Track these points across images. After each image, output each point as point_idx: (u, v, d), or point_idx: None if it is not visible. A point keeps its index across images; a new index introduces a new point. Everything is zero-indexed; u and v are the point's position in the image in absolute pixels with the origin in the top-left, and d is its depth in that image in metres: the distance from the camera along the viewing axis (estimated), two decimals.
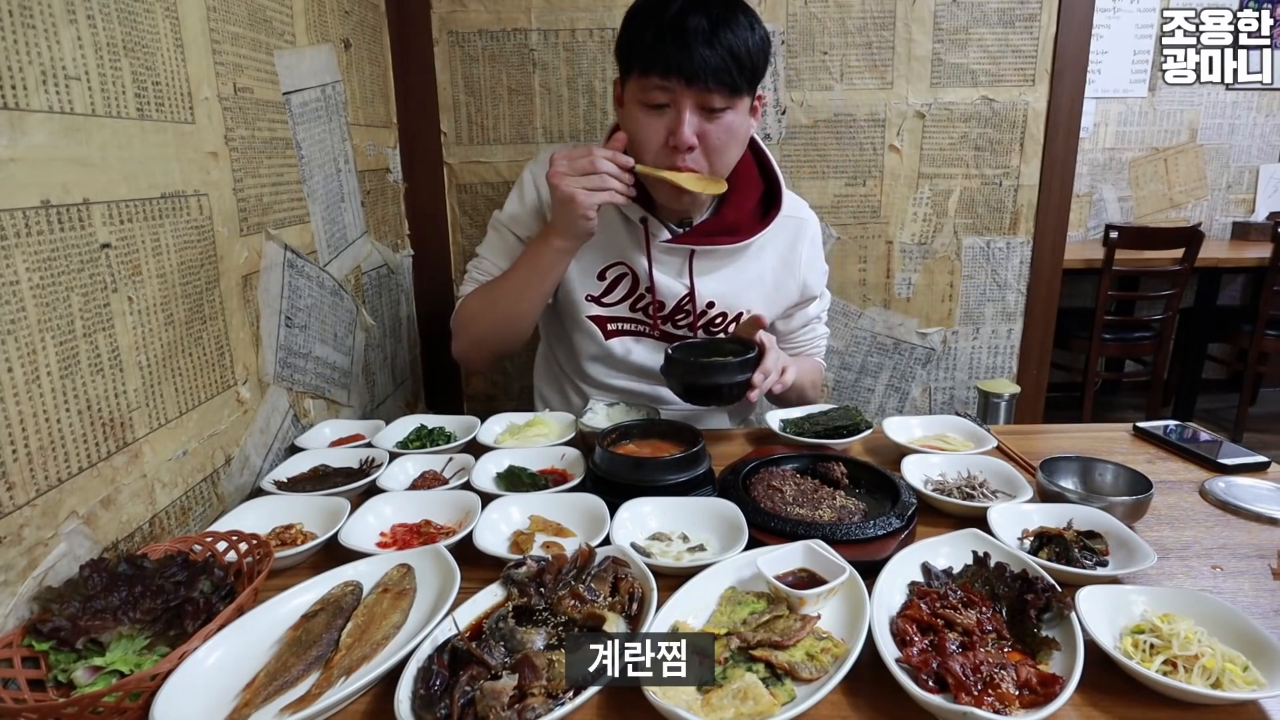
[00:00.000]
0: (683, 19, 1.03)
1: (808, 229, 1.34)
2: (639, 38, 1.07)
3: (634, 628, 0.66)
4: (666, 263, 1.28)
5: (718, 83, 1.05)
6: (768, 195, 1.31)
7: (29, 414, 0.68)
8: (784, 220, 1.30)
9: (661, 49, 1.04)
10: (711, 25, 1.03)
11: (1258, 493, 0.97)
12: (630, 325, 1.34)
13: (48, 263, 0.70)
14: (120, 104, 0.79)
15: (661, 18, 1.05)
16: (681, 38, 1.03)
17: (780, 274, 1.33)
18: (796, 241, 1.33)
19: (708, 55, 1.03)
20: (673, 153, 1.11)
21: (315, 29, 1.28)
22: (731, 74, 1.05)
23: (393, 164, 1.68)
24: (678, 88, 1.06)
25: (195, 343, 0.92)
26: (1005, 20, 1.69)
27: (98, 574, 0.67)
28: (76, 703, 0.55)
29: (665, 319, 1.32)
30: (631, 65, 1.09)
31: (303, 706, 0.57)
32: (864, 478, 0.99)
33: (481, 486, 0.96)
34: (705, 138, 1.10)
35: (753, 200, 1.29)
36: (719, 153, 1.13)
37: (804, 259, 1.34)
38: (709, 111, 1.09)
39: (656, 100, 1.08)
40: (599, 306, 1.32)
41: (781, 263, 1.33)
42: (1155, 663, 0.61)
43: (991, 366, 1.94)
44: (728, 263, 1.30)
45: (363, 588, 0.74)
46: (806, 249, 1.34)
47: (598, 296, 1.31)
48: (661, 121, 1.10)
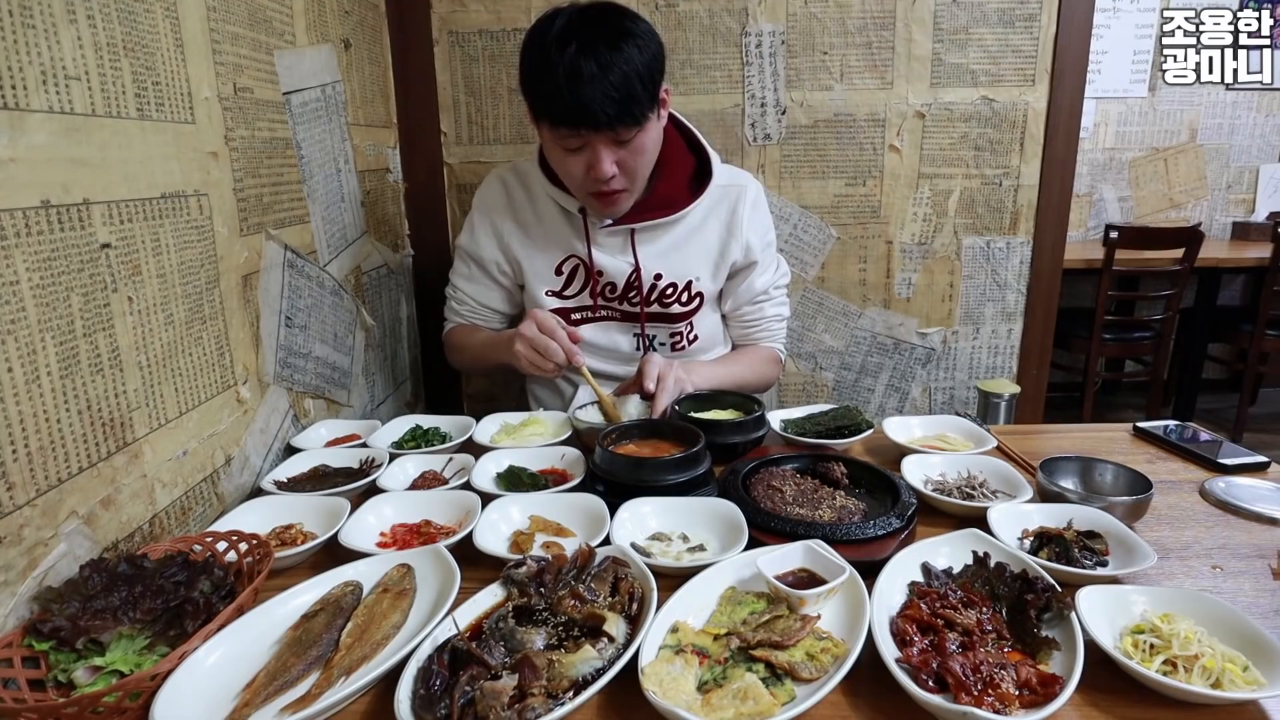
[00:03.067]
0: (575, 69, 1.05)
1: (747, 193, 1.38)
2: (538, 89, 1.11)
3: (634, 628, 0.66)
4: (609, 245, 1.34)
5: (622, 123, 1.10)
6: (700, 169, 1.36)
7: (29, 414, 0.68)
8: (723, 189, 1.36)
9: (562, 104, 1.08)
10: (602, 68, 1.06)
11: (1258, 493, 0.97)
12: (592, 312, 1.40)
13: (48, 263, 0.70)
14: (120, 104, 0.79)
15: (556, 70, 1.06)
16: (578, 90, 1.06)
17: (724, 239, 1.37)
18: (738, 205, 1.36)
19: (607, 102, 1.07)
20: (595, 182, 1.17)
21: (315, 29, 1.28)
22: (631, 109, 1.10)
23: (393, 164, 1.68)
24: (587, 134, 1.12)
25: (195, 343, 0.92)
26: (1005, 20, 1.69)
27: (98, 574, 0.67)
28: (76, 703, 0.55)
29: (619, 299, 1.38)
30: (538, 113, 1.14)
31: (303, 706, 0.57)
32: (864, 478, 0.99)
33: (481, 486, 0.96)
34: (623, 164, 1.17)
35: (684, 174, 1.34)
36: (638, 171, 1.20)
37: (745, 220, 1.37)
38: (621, 143, 1.15)
39: (571, 145, 1.15)
40: (559, 299, 1.38)
41: (724, 228, 1.36)
42: (1155, 663, 0.61)
43: (991, 366, 1.94)
44: (668, 235, 1.35)
45: (363, 588, 0.74)
46: (748, 212, 1.37)
47: (558, 291, 1.37)
48: (580, 159, 1.16)
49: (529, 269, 1.37)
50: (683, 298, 1.38)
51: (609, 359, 1.42)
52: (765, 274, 1.42)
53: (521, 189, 1.38)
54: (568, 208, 1.32)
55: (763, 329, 1.47)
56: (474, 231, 1.40)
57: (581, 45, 1.06)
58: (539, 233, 1.36)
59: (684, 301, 1.38)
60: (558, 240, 1.35)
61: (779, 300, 1.48)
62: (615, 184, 1.19)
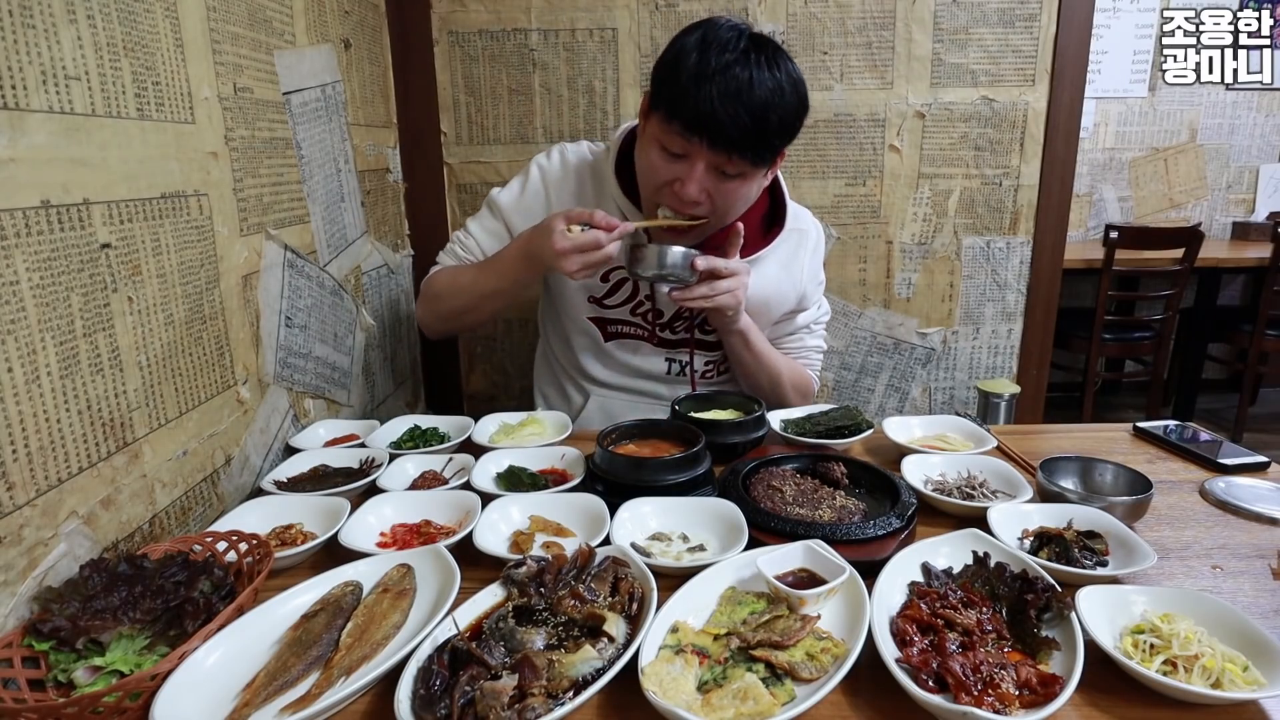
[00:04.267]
0: (727, 72, 0.97)
1: (808, 239, 1.34)
2: (675, 76, 1.01)
3: (634, 628, 0.66)
4: None
5: (739, 153, 1.02)
6: (772, 209, 1.31)
7: (29, 414, 0.68)
8: (787, 233, 1.30)
9: (692, 101, 0.99)
10: (752, 85, 0.98)
11: (1258, 493, 0.97)
12: (629, 329, 1.34)
13: (48, 263, 0.70)
14: (120, 104, 0.79)
15: (705, 64, 0.98)
16: (715, 95, 0.97)
17: (781, 283, 1.32)
18: (798, 251, 1.33)
19: (736, 123, 0.98)
20: (675, 197, 1.09)
21: (315, 29, 1.28)
22: (754, 146, 1.02)
23: (393, 164, 1.68)
24: (698, 144, 1.02)
25: (195, 343, 0.92)
26: (1005, 20, 1.70)
27: (98, 574, 0.67)
28: (76, 703, 0.55)
29: (664, 326, 1.33)
30: (660, 101, 1.04)
31: (303, 706, 0.57)
32: (864, 478, 0.99)
33: (481, 486, 0.96)
34: (714, 196, 1.08)
35: (757, 216, 1.28)
36: (724, 211, 1.12)
37: (805, 269, 1.33)
38: (722, 174, 1.06)
39: (674, 149, 1.05)
40: (600, 308, 1.32)
41: (784, 271, 1.32)
42: (1155, 663, 0.61)
43: (991, 366, 1.94)
44: None
45: (363, 588, 0.74)
46: (808, 260, 1.34)
47: (600, 298, 1.31)
48: (673, 167, 1.07)
49: None
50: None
51: (637, 377, 1.37)
52: (812, 311, 1.40)
53: (593, 182, 1.28)
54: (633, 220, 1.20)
55: (800, 356, 1.42)
56: (523, 192, 1.28)
57: (745, 55, 0.99)
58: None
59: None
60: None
61: (818, 334, 1.45)
62: (696, 210, 1.09)
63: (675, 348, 1.35)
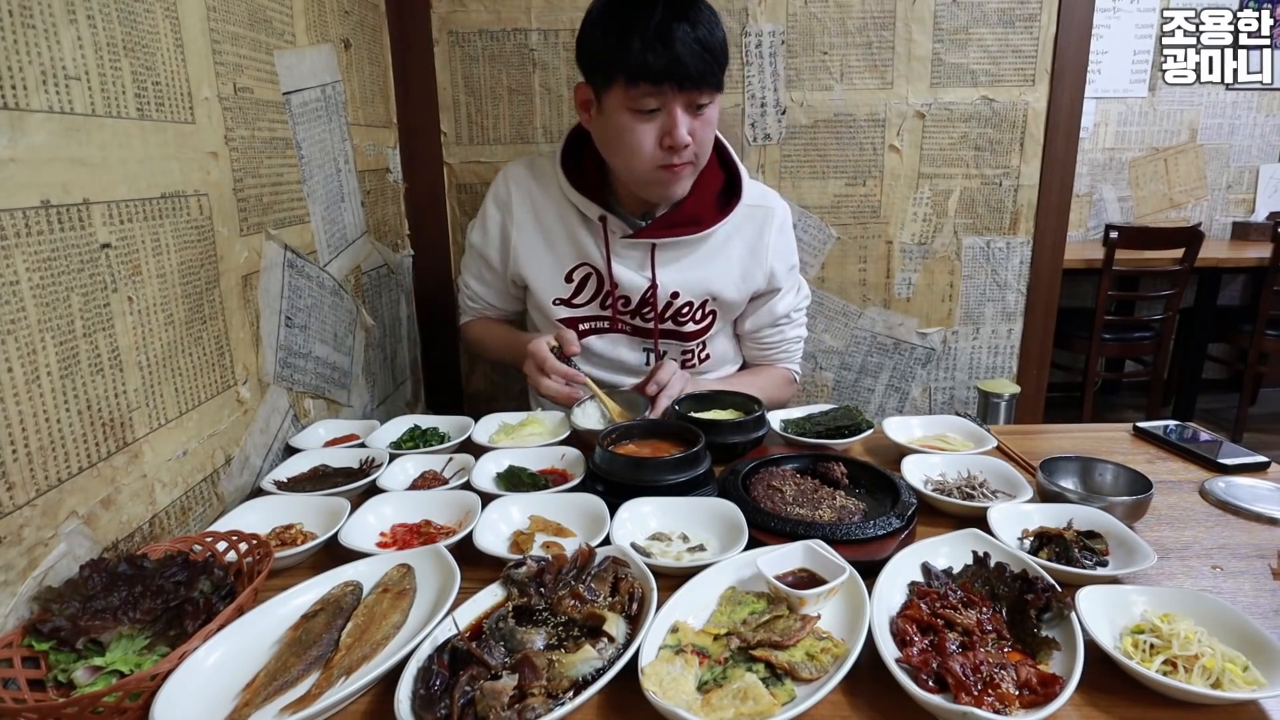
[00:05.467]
0: (667, 27, 1.06)
1: (774, 216, 1.35)
2: (624, 47, 1.08)
3: (634, 628, 0.66)
4: (628, 257, 1.30)
5: (707, 83, 1.10)
6: (729, 186, 1.33)
7: (29, 414, 0.68)
8: (750, 209, 1.33)
9: (653, 58, 1.07)
10: (694, 25, 1.07)
11: (1258, 493, 0.97)
12: (602, 323, 1.37)
13: (48, 263, 0.70)
14: (120, 104, 0.79)
15: (645, 26, 1.07)
16: (670, 46, 1.06)
17: (747, 262, 1.34)
18: (764, 229, 1.34)
19: (696, 60, 1.07)
20: (669, 153, 1.14)
21: (315, 29, 1.28)
22: (716, 73, 1.11)
23: (393, 164, 1.68)
24: (670, 92, 1.10)
25: (195, 343, 0.92)
26: (1005, 20, 1.69)
27: (97, 574, 0.67)
28: (76, 702, 0.55)
29: (631, 313, 1.35)
30: (614, 74, 1.11)
31: (303, 706, 0.57)
32: (864, 478, 0.99)
33: (481, 486, 0.96)
34: (694, 134, 1.14)
35: (714, 190, 1.31)
36: (705, 144, 1.18)
37: (771, 246, 1.34)
38: (696, 109, 1.14)
39: (648, 106, 1.12)
40: (568, 308, 1.35)
41: (749, 250, 1.34)
42: (1155, 663, 0.61)
43: (991, 366, 1.94)
44: (690, 253, 1.31)
45: (363, 588, 0.74)
46: (774, 237, 1.35)
47: (567, 299, 1.34)
48: (653, 125, 1.13)
49: (536, 275, 1.34)
50: (696, 316, 1.35)
51: (617, 371, 1.40)
52: (787, 298, 1.40)
53: (538, 187, 1.34)
54: (587, 214, 1.29)
55: (781, 350, 1.45)
56: (485, 229, 1.37)
57: (669, 5, 1.08)
58: (552, 236, 1.33)
59: (698, 320, 1.36)
60: (571, 246, 1.32)
61: (799, 322, 1.46)
62: (686, 154, 1.16)
63: (648, 337, 1.37)
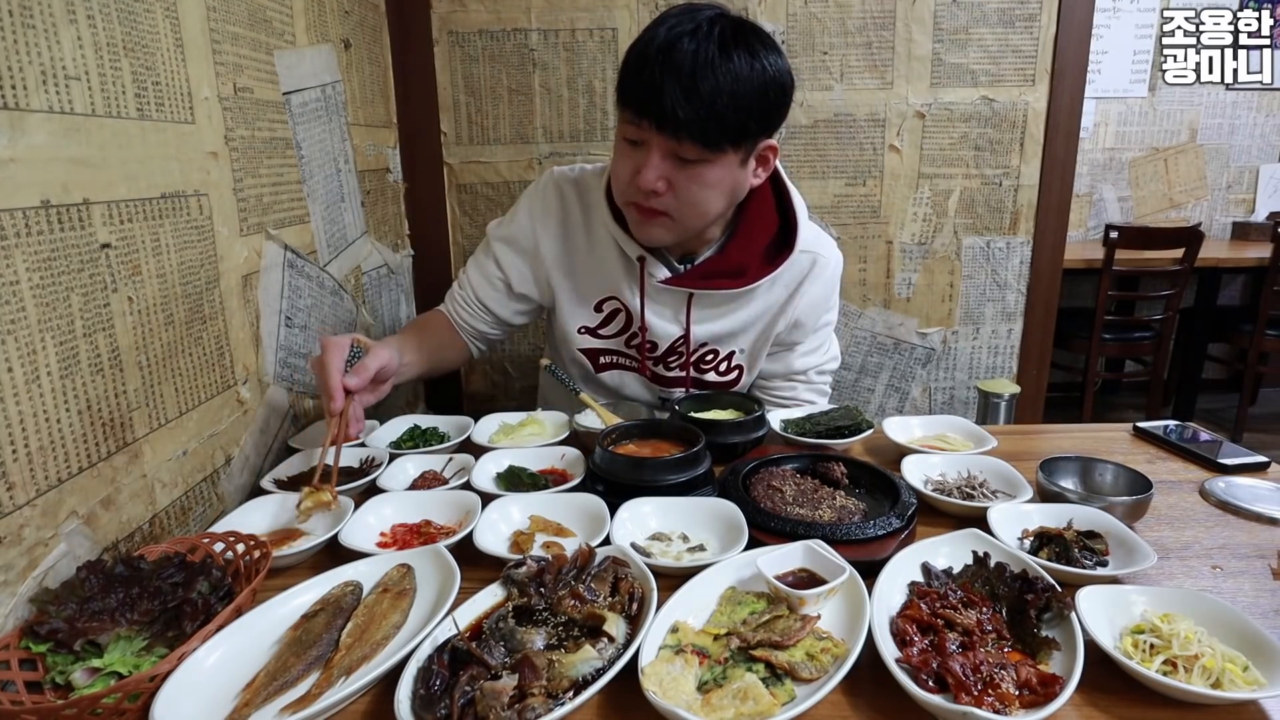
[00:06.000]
0: (668, 53, 0.93)
1: (818, 265, 1.21)
2: (627, 66, 0.98)
3: (634, 628, 0.66)
4: (663, 303, 1.20)
5: (689, 136, 0.95)
6: (783, 235, 1.19)
7: (29, 414, 0.68)
8: (799, 254, 1.19)
9: (638, 85, 0.95)
10: (695, 68, 0.92)
11: (1258, 493, 0.97)
12: (624, 359, 1.29)
13: (48, 263, 0.70)
14: (120, 104, 0.79)
15: (650, 46, 0.94)
16: (660, 78, 0.92)
17: (776, 308, 1.23)
18: (804, 276, 1.21)
19: (681, 104, 0.92)
20: (634, 190, 1.03)
21: (315, 29, 1.28)
22: (706, 129, 0.94)
23: (393, 164, 1.68)
24: (648, 129, 0.97)
25: (195, 343, 0.92)
26: (1005, 20, 1.70)
27: (94, 576, 0.67)
28: (76, 704, 0.55)
29: (656, 360, 1.26)
30: (619, 93, 1.01)
31: (303, 706, 0.57)
32: (864, 478, 0.99)
33: (481, 486, 0.96)
34: (676, 186, 1.01)
35: (764, 240, 1.17)
36: (688, 203, 1.03)
37: (804, 294, 1.22)
38: (681, 160, 0.99)
39: (630, 136, 1.01)
40: (593, 338, 1.27)
41: (784, 295, 1.22)
42: (1155, 663, 0.61)
43: (991, 366, 1.94)
44: (729, 307, 1.21)
45: (363, 588, 0.74)
46: (810, 285, 1.22)
47: (593, 328, 1.26)
48: (633, 158, 1.01)
49: (565, 298, 1.23)
50: (721, 367, 1.26)
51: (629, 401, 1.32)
52: (809, 356, 1.29)
53: (580, 208, 1.21)
54: (627, 251, 1.17)
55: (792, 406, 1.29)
56: (512, 229, 1.24)
57: (693, 33, 0.93)
58: (587, 263, 1.21)
59: (721, 371, 1.26)
60: (605, 278, 1.21)
61: (819, 386, 1.33)
62: (655, 203, 1.02)
63: (669, 385, 1.29)
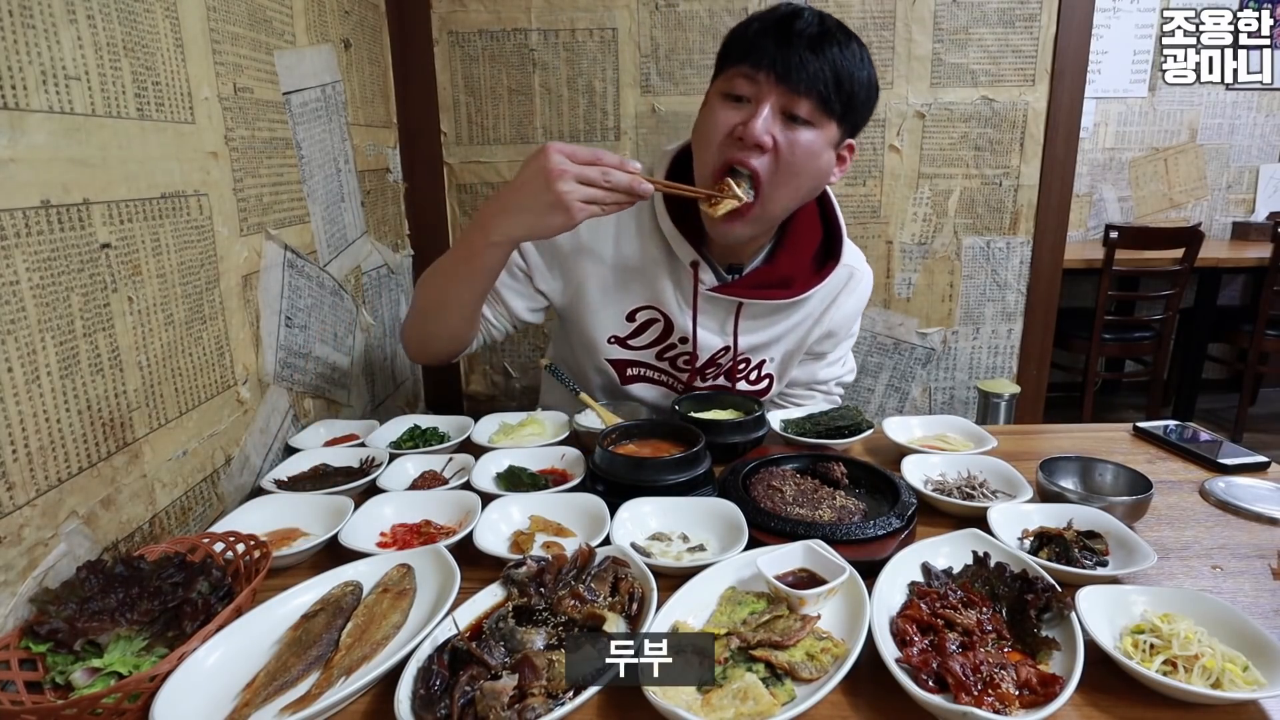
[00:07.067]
0: (791, 20, 0.97)
1: (854, 279, 1.24)
2: (743, 33, 1.01)
3: (634, 628, 0.66)
4: (709, 313, 1.18)
5: (809, 88, 0.95)
6: (827, 245, 1.20)
7: (29, 414, 0.68)
8: (839, 269, 1.20)
9: (763, 41, 0.97)
10: (820, 34, 0.97)
11: (1258, 493, 0.97)
12: (653, 373, 1.25)
13: (48, 263, 0.70)
14: (120, 104, 0.79)
15: (769, 16, 1.00)
16: (787, 36, 0.96)
17: (813, 323, 1.24)
18: (841, 291, 1.23)
19: (808, 58, 0.95)
20: (737, 145, 0.99)
21: (315, 29, 1.28)
22: (828, 86, 0.96)
23: (393, 164, 1.68)
24: (765, 81, 0.96)
25: (195, 343, 0.92)
26: (1005, 20, 1.70)
27: (94, 576, 0.67)
28: (76, 704, 0.55)
29: (694, 371, 1.23)
30: (726, 61, 1.01)
31: (303, 706, 0.57)
32: (864, 478, 0.99)
33: (481, 486, 0.96)
34: (778, 147, 0.98)
35: (810, 251, 1.18)
36: (787, 171, 0.99)
37: (839, 306, 1.23)
38: (791, 118, 0.98)
39: (739, 90, 0.99)
40: (622, 349, 1.21)
41: (823, 310, 1.23)
42: (1155, 663, 0.61)
43: (991, 366, 1.94)
44: (774, 318, 1.20)
45: (363, 588, 0.74)
46: (846, 298, 1.24)
47: (623, 338, 1.20)
48: (736, 112, 0.99)
49: (596, 304, 1.17)
50: (752, 376, 1.25)
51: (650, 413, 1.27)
52: (834, 367, 1.32)
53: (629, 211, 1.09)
54: (680, 255, 1.14)
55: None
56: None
57: (808, 15, 0.98)
58: (628, 268, 1.16)
59: (752, 381, 1.25)
60: (644, 286, 1.16)
61: (834, 398, 1.37)
62: (753, 160, 0.98)
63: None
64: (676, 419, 1.12)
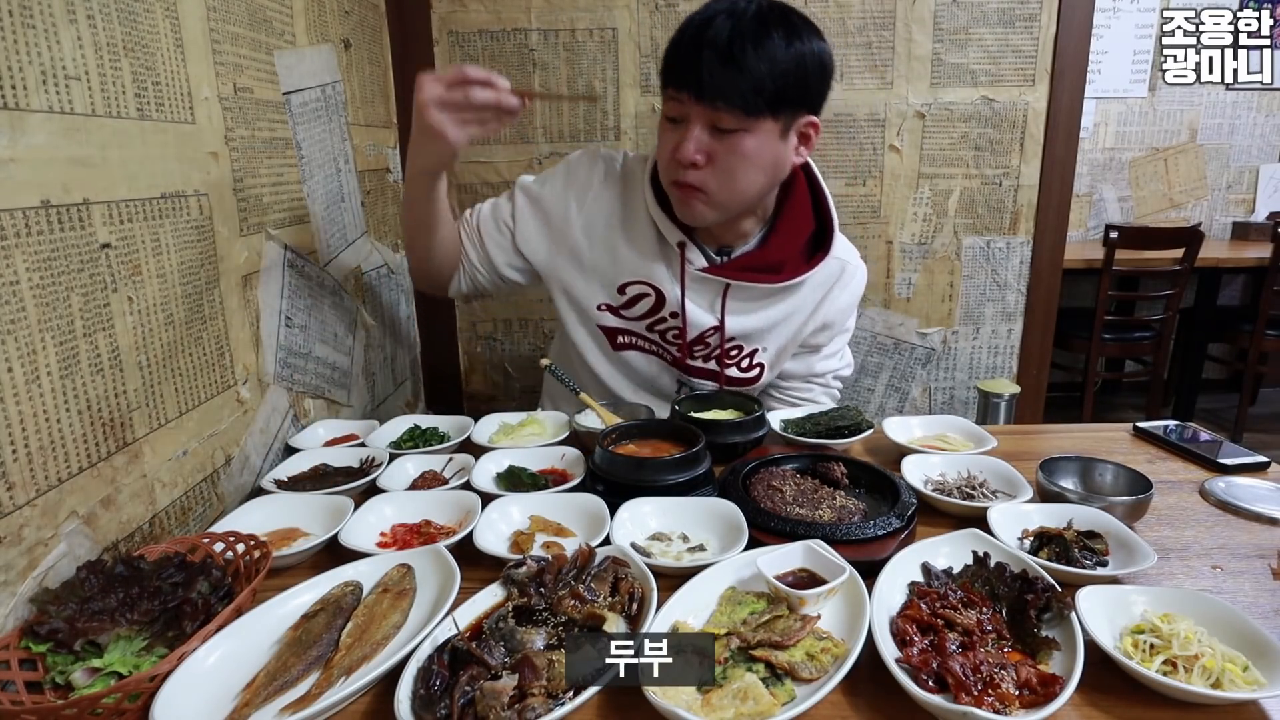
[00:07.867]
0: (704, 29, 0.98)
1: (848, 272, 1.26)
2: (671, 51, 1.03)
3: (634, 628, 0.66)
4: (698, 291, 1.21)
5: (726, 103, 0.99)
6: (818, 234, 1.23)
7: (29, 414, 0.68)
8: (830, 260, 1.23)
9: (682, 60, 1.00)
10: (731, 38, 0.96)
11: (1258, 493, 0.97)
12: (644, 343, 1.28)
13: (48, 263, 0.70)
14: (120, 104, 0.79)
15: (690, 25, 1.01)
16: (697, 51, 0.98)
17: (807, 314, 1.26)
18: (834, 284, 1.25)
19: (717, 72, 0.97)
20: (675, 167, 1.06)
21: (315, 29, 1.28)
22: (743, 94, 0.98)
23: (393, 164, 1.68)
24: (689, 101, 1.01)
25: (195, 343, 0.92)
26: (1005, 20, 1.70)
27: (94, 576, 0.67)
28: (76, 704, 0.55)
29: (684, 349, 1.25)
30: (663, 81, 1.06)
31: (303, 706, 0.57)
32: (864, 478, 0.99)
33: (481, 486, 0.96)
34: (713, 157, 1.04)
35: (801, 239, 1.21)
36: (727, 174, 1.06)
37: (833, 300, 1.25)
38: (719, 131, 1.03)
39: (671, 113, 1.06)
40: (614, 317, 1.25)
41: (815, 302, 1.25)
42: (1155, 663, 0.61)
43: (991, 366, 1.94)
44: (763, 303, 1.23)
45: (363, 588, 0.74)
46: (840, 292, 1.26)
47: (616, 308, 1.24)
48: (674, 135, 1.05)
49: (585, 274, 1.22)
50: (743, 363, 1.26)
51: (646, 389, 1.32)
52: (831, 360, 1.33)
53: (622, 188, 1.22)
54: (667, 236, 1.18)
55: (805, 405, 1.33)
56: (544, 190, 1.23)
57: (729, 13, 0.98)
58: (619, 244, 1.21)
59: (744, 368, 1.27)
60: (638, 261, 1.20)
61: (833, 390, 1.38)
62: (692, 177, 1.05)
63: (694, 375, 1.28)
64: (676, 419, 1.12)
